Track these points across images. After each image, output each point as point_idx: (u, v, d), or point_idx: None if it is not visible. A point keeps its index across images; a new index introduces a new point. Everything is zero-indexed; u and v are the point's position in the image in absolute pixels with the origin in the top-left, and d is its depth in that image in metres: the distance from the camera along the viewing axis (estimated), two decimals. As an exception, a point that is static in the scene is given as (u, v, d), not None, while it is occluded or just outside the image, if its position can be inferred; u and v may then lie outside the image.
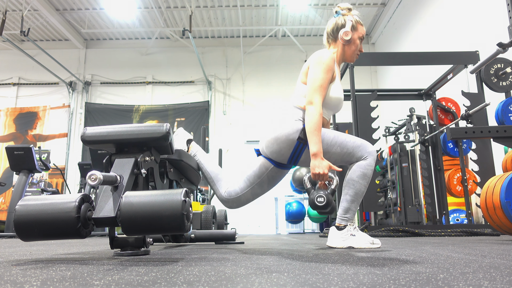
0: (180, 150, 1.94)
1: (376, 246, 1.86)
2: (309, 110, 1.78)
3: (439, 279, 0.75)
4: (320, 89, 1.80)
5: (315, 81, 1.81)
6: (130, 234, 1.25)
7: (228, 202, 2.00)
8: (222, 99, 10.55)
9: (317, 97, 1.79)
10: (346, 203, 1.88)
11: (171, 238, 2.38)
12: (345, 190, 1.89)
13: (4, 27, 8.16)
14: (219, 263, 1.12)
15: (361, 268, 0.96)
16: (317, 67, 1.84)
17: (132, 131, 1.46)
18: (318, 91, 1.80)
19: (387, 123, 6.99)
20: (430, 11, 7.52)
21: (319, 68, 1.83)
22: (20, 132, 10.31)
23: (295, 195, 9.10)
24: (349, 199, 1.87)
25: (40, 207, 1.24)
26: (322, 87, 1.81)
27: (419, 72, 7.30)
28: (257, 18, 9.99)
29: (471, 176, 4.80)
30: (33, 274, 0.88)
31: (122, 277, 0.82)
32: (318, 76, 1.81)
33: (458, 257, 1.25)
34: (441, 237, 3.33)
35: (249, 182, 1.96)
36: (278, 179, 2.00)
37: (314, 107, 1.77)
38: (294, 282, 0.74)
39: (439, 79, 4.93)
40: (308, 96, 1.81)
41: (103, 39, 11.01)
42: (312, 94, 1.80)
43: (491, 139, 2.56)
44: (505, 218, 2.22)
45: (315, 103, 1.78)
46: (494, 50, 2.46)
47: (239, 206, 2.02)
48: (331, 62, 1.85)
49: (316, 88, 1.80)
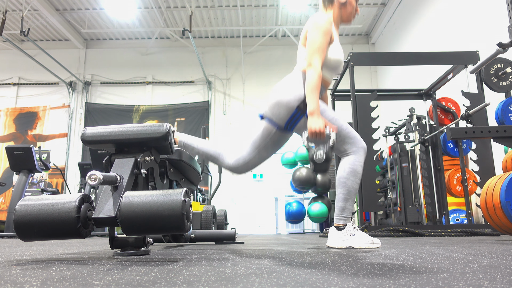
0: (180, 150, 1.94)
1: (376, 246, 1.86)
2: (308, 72, 1.84)
3: (439, 279, 0.75)
4: (318, 52, 1.86)
5: (313, 44, 1.88)
6: (130, 234, 1.25)
7: (238, 168, 2.05)
8: (222, 99, 10.55)
9: (316, 59, 1.85)
10: (341, 202, 1.92)
11: (171, 238, 2.38)
12: (338, 189, 1.94)
13: (4, 27, 8.16)
14: (219, 263, 1.12)
15: (361, 268, 0.96)
16: (314, 31, 1.90)
17: (132, 131, 1.46)
18: (317, 54, 1.86)
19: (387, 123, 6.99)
20: (430, 11, 7.52)
21: (317, 31, 1.89)
22: (20, 132, 10.30)
23: (295, 195, 9.10)
24: (343, 197, 1.91)
25: (40, 207, 1.24)
26: (320, 49, 1.87)
27: (419, 72, 7.30)
28: (257, 18, 9.99)
29: (471, 176, 4.80)
30: (33, 274, 0.88)
31: (122, 277, 0.82)
32: (316, 40, 1.88)
33: (458, 257, 1.25)
34: (441, 237, 3.33)
35: (254, 146, 2.00)
36: (281, 143, 2.05)
37: (313, 69, 1.83)
38: (294, 282, 0.74)
39: (439, 79, 4.93)
40: (307, 59, 1.88)
41: (103, 39, 11.01)
42: (311, 57, 1.86)
43: (491, 139, 2.56)
44: (505, 218, 2.22)
45: (314, 65, 1.84)
46: (494, 50, 2.46)
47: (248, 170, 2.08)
48: (328, 25, 1.91)
49: (315, 50, 1.86)
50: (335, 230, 1.92)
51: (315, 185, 7.51)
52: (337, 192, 1.94)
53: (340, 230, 1.89)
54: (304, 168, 7.63)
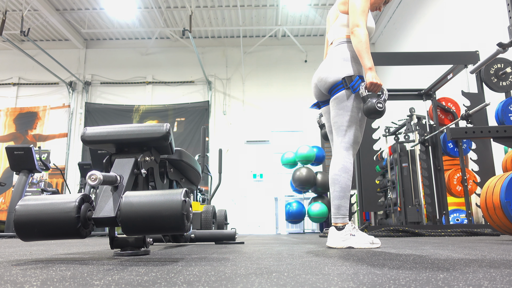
0: (181, 150, 1.94)
1: (376, 246, 1.87)
2: (356, 32, 1.95)
3: (439, 279, 0.75)
4: (363, 14, 1.99)
5: (358, 7, 1.99)
6: (130, 234, 1.25)
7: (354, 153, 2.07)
8: (222, 99, 10.55)
9: (362, 20, 1.97)
10: (336, 200, 1.97)
11: (171, 238, 2.38)
12: (332, 188, 1.99)
13: (4, 27, 8.16)
14: (219, 263, 1.12)
15: (361, 268, 0.96)
16: None
17: (132, 131, 1.46)
18: (363, 16, 1.98)
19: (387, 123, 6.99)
20: (430, 11, 7.52)
21: None
22: (20, 132, 10.30)
23: (295, 195, 9.10)
24: (337, 195, 1.96)
25: (40, 207, 1.24)
26: (365, 12, 2.00)
27: (419, 72, 7.30)
28: (257, 18, 9.99)
29: (471, 176, 4.80)
30: (33, 274, 0.88)
31: (122, 277, 0.82)
32: (361, 4, 1.99)
33: (458, 257, 1.25)
34: (441, 237, 3.33)
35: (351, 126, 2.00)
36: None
37: (361, 29, 1.95)
38: (294, 282, 0.74)
39: (439, 79, 4.93)
40: (354, 20, 1.98)
41: (103, 39, 11.01)
42: (358, 18, 1.97)
43: (491, 139, 2.56)
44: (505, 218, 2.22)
45: (361, 25, 1.96)
46: (494, 50, 2.46)
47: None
48: None
49: (361, 13, 1.98)
50: (335, 230, 1.92)
51: (315, 185, 7.51)
52: (331, 190, 2.00)
53: (340, 230, 1.90)
54: (304, 168, 7.63)
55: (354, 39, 1.95)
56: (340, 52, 2.04)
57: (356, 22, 1.96)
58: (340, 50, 2.05)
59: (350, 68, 2.00)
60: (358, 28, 1.94)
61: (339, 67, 2.01)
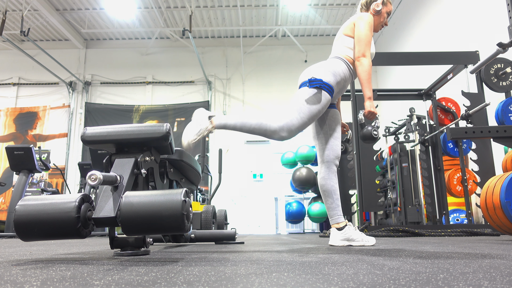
0: (181, 150, 1.94)
1: (371, 244, 2.03)
2: (363, 61, 2.07)
3: (439, 279, 0.75)
4: (369, 44, 2.11)
5: (365, 37, 2.11)
6: (130, 234, 1.25)
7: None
8: (222, 99, 10.55)
9: (368, 51, 2.09)
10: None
11: (171, 238, 2.38)
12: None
13: (4, 27, 8.16)
14: (219, 263, 1.12)
15: (361, 268, 0.96)
16: (365, 25, 2.14)
17: (132, 131, 1.46)
18: (368, 46, 2.10)
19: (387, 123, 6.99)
20: (430, 11, 7.52)
21: (367, 26, 2.14)
22: (20, 132, 10.30)
23: (295, 195, 9.10)
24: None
25: (40, 207, 1.24)
26: (370, 42, 2.12)
27: (419, 72, 7.30)
28: (257, 18, 9.99)
29: (471, 176, 4.80)
30: (33, 274, 0.88)
31: (122, 277, 0.82)
32: (367, 33, 2.12)
33: (458, 257, 1.25)
34: (441, 237, 3.33)
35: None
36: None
37: (367, 59, 2.07)
38: (294, 282, 0.74)
39: (439, 79, 4.93)
40: (360, 49, 2.09)
41: (103, 39, 11.01)
42: (364, 48, 2.09)
43: (491, 139, 2.56)
44: (505, 218, 2.22)
45: (367, 55, 2.08)
46: (494, 50, 2.46)
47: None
48: (373, 22, 2.21)
49: (367, 43, 2.10)
50: (336, 231, 2.10)
51: (315, 185, 7.51)
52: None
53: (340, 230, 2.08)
54: (304, 168, 7.63)
55: (360, 68, 2.07)
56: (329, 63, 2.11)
57: (362, 51, 2.08)
58: (330, 62, 2.12)
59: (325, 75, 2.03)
60: (364, 58, 2.07)
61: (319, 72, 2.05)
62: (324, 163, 2.17)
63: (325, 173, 2.16)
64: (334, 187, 2.15)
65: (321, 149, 2.20)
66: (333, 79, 2.03)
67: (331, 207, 2.14)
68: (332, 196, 2.14)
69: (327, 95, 1.99)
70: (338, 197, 2.16)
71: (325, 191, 2.16)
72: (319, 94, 1.97)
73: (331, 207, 2.14)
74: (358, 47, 2.09)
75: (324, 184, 2.16)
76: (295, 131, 1.95)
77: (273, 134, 1.93)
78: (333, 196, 2.14)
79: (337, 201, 2.15)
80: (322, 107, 1.99)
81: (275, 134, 1.92)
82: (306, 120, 1.95)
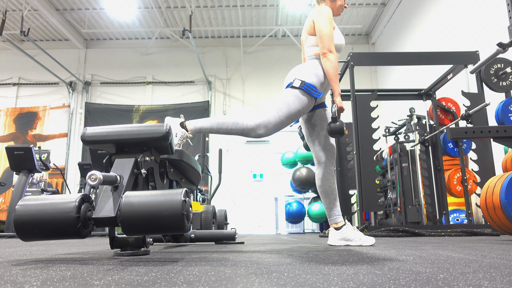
0: (181, 150, 1.94)
1: (369, 244, 2.05)
2: (330, 57, 2.06)
3: (439, 279, 0.75)
4: (331, 38, 2.10)
5: (326, 32, 2.10)
6: (130, 234, 1.25)
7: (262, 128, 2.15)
8: (222, 99, 10.55)
9: (331, 45, 2.09)
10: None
11: (171, 238, 2.38)
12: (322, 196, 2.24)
13: (4, 27, 8.16)
14: (219, 263, 1.12)
15: (361, 268, 0.96)
16: (323, 20, 2.12)
17: (132, 131, 1.46)
18: (331, 40, 2.09)
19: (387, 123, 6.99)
20: (430, 11, 7.52)
21: (325, 20, 2.12)
22: (20, 132, 10.30)
23: (295, 195, 9.10)
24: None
25: (40, 207, 1.24)
26: (331, 36, 2.11)
27: (419, 72, 7.30)
28: (257, 18, 9.98)
29: (471, 176, 4.80)
30: (33, 274, 0.88)
31: (122, 277, 0.82)
32: (326, 28, 2.11)
33: (458, 257, 1.25)
34: (441, 237, 3.33)
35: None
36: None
37: (333, 55, 2.07)
38: (294, 282, 0.74)
39: (439, 79, 4.93)
40: (325, 45, 2.08)
41: (103, 39, 11.01)
42: (328, 43, 2.08)
43: (491, 139, 2.56)
44: (505, 218, 2.22)
45: (333, 50, 2.08)
46: (494, 50, 2.46)
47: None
48: (331, 14, 2.17)
49: (329, 37, 2.09)
50: (334, 230, 2.13)
51: (315, 185, 7.51)
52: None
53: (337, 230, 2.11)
54: (304, 168, 7.63)
55: (326, 63, 2.06)
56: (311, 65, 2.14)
57: (327, 46, 2.08)
58: (309, 64, 2.15)
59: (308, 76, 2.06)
60: (331, 54, 2.07)
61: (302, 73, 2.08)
62: (321, 164, 2.19)
63: (322, 174, 2.19)
64: (331, 187, 2.17)
65: (316, 151, 2.22)
66: (316, 79, 2.05)
67: (329, 207, 2.17)
68: (329, 196, 2.17)
69: (309, 96, 2.01)
70: (336, 197, 2.18)
71: (323, 192, 2.18)
72: (300, 95, 1.99)
73: (329, 207, 2.17)
74: (322, 44, 2.09)
75: (322, 185, 2.19)
76: (272, 129, 1.97)
77: (250, 132, 1.96)
78: (330, 196, 2.16)
79: (335, 201, 2.16)
80: (303, 108, 2.00)
81: (252, 131, 1.95)
82: (284, 119, 1.97)
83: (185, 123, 2.04)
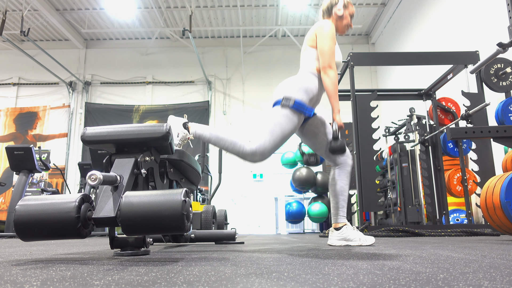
0: (181, 150, 1.94)
1: (369, 243, 2.06)
2: (330, 73, 2.05)
3: (439, 279, 0.75)
4: (332, 55, 2.09)
5: (328, 48, 2.08)
6: (130, 234, 1.25)
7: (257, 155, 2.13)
8: (222, 99, 10.55)
9: (332, 61, 2.07)
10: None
11: (171, 238, 2.38)
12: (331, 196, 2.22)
13: (4, 27, 8.16)
14: (219, 263, 1.12)
15: (361, 268, 0.96)
16: (326, 37, 2.11)
17: (132, 131, 1.46)
18: (332, 57, 2.08)
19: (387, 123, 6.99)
20: (430, 11, 7.52)
21: (327, 37, 2.10)
22: (20, 132, 10.30)
23: (295, 195, 9.09)
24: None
25: (40, 207, 1.24)
26: (333, 53, 2.10)
27: (419, 72, 7.30)
28: (257, 18, 9.98)
29: (471, 176, 4.80)
30: (33, 274, 0.88)
31: (122, 277, 0.82)
32: (329, 44, 2.09)
33: (458, 257, 1.25)
34: (441, 237, 3.33)
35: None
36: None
37: (333, 71, 2.06)
38: (294, 282, 0.74)
39: (439, 79, 4.93)
40: (325, 61, 2.07)
41: (103, 39, 11.01)
42: (329, 60, 2.06)
43: (491, 139, 2.56)
44: (505, 218, 2.22)
45: (333, 67, 2.06)
46: (494, 50, 2.46)
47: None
48: (334, 30, 2.16)
49: (330, 54, 2.08)
50: (334, 230, 2.12)
51: (315, 185, 7.51)
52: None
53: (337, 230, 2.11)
54: (304, 168, 7.62)
55: (326, 80, 2.04)
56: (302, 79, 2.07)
57: (327, 62, 2.06)
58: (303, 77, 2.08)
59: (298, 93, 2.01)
60: (330, 70, 2.05)
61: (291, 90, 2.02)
62: (338, 165, 2.17)
63: (337, 173, 2.17)
64: (343, 188, 2.15)
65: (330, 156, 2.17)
66: (306, 96, 2.01)
67: (335, 207, 2.16)
68: (339, 197, 2.15)
69: (299, 115, 1.99)
70: (345, 198, 2.16)
71: (333, 191, 2.16)
72: (291, 114, 1.97)
73: (335, 206, 2.16)
74: (322, 59, 2.07)
75: (334, 183, 2.17)
76: (267, 154, 1.99)
77: (245, 157, 1.98)
78: (340, 197, 2.14)
79: (343, 202, 2.14)
80: (295, 127, 2.00)
81: (248, 157, 1.98)
82: (279, 141, 1.98)
83: (188, 125, 2.04)
